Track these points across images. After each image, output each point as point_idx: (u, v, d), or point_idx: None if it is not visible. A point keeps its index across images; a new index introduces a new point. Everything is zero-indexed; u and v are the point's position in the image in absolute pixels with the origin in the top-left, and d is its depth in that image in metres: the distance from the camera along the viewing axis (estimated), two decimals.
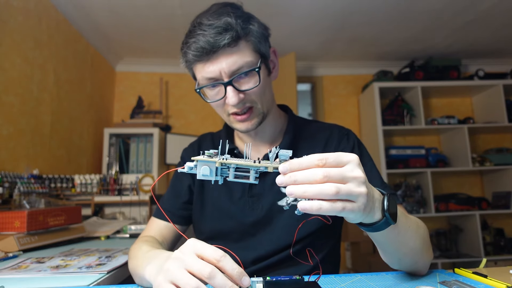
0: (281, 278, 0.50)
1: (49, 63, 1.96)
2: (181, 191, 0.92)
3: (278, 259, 0.81)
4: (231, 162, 0.47)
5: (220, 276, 0.45)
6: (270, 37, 0.84)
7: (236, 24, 0.72)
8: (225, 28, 0.71)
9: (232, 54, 0.72)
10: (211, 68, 0.73)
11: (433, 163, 2.88)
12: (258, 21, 0.80)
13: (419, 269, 0.64)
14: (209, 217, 0.88)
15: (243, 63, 0.73)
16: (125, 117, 2.94)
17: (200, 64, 0.75)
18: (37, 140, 1.84)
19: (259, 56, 0.77)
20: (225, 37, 0.70)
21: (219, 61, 0.72)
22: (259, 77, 0.75)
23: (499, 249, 2.82)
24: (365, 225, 0.50)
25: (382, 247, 0.60)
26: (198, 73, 0.77)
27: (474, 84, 2.97)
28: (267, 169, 0.46)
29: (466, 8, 2.30)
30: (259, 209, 0.83)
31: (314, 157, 0.44)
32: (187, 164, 0.48)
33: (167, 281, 0.48)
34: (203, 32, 0.71)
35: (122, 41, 2.68)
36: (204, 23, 0.72)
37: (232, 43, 0.71)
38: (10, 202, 1.41)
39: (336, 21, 2.43)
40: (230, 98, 0.73)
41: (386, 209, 0.49)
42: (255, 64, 0.75)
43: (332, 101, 3.26)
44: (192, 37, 0.73)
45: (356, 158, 0.45)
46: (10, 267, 0.84)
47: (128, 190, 2.13)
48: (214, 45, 0.70)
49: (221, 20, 0.71)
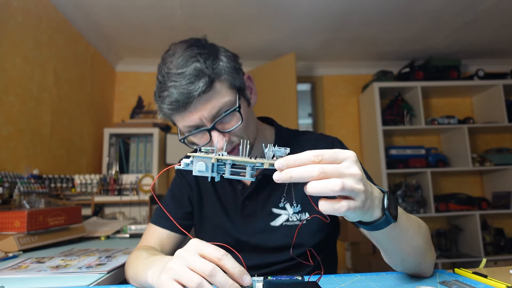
0: (281, 278, 0.50)
1: (49, 63, 1.96)
2: (182, 201, 0.91)
3: (278, 268, 0.82)
4: (227, 158, 0.46)
5: (221, 275, 0.46)
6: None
7: (206, 68, 0.69)
8: (196, 75, 0.68)
9: (209, 99, 0.70)
10: (190, 118, 0.72)
11: (433, 163, 2.88)
12: (226, 53, 0.77)
13: (422, 270, 0.63)
14: (209, 232, 0.89)
15: (222, 105, 0.71)
16: (125, 117, 2.94)
17: (178, 116, 0.73)
18: (37, 140, 1.84)
19: (236, 91, 0.75)
20: (198, 85, 0.68)
21: (198, 109, 0.70)
22: (240, 115, 0.74)
23: (499, 249, 2.82)
24: (365, 224, 0.49)
25: (384, 248, 0.59)
26: (179, 122, 0.75)
27: (474, 84, 2.97)
28: (263, 165, 0.45)
29: (466, 8, 2.30)
30: (251, 229, 0.84)
31: (311, 153, 0.43)
32: (183, 160, 0.47)
33: (170, 279, 0.48)
34: (174, 83, 0.68)
35: (122, 41, 2.68)
36: (172, 72, 0.69)
37: (207, 89, 0.69)
38: (10, 202, 1.41)
39: (336, 21, 2.43)
40: (217, 143, 0.72)
41: (386, 207, 0.48)
42: (234, 101, 0.73)
43: (332, 101, 3.26)
44: (164, 90, 0.70)
45: (353, 154, 0.44)
46: (10, 267, 0.84)
47: (128, 190, 2.13)
48: (189, 96, 0.68)
49: (189, 67, 0.68)
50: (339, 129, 3.21)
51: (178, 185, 0.93)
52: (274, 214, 0.84)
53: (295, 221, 0.82)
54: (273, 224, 0.83)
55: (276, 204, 0.84)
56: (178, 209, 0.91)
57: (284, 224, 0.83)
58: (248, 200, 0.85)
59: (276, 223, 0.83)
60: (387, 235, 0.53)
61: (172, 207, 0.91)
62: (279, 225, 0.83)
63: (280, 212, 0.83)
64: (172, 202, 0.92)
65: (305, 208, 0.83)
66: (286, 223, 0.83)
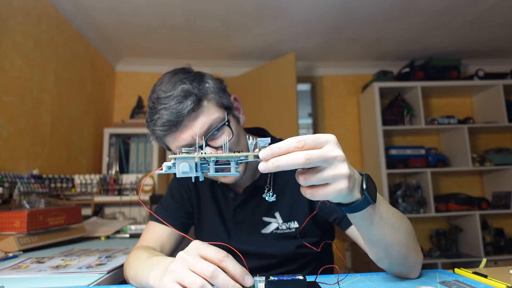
0: (283, 278, 0.50)
1: (49, 63, 1.96)
2: (182, 202, 0.93)
3: (279, 272, 0.84)
4: (210, 156, 0.45)
5: (222, 276, 0.46)
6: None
7: (193, 88, 0.73)
8: (184, 96, 0.72)
9: (198, 117, 0.74)
10: (182, 137, 0.74)
11: (433, 163, 2.88)
12: (211, 77, 0.81)
13: (410, 267, 0.61)
14: (206, 234, 0.92)
15: (211, 121, 0.75)
16: (125, 117, 2.94)
17: (170, 137, 0.75)
18: (37, 140, 1.84)
19: (224, 110, 0.78)
20: (187, 103, 0.71)
21: (189, 128, 0.73)
22: (231, 130, 0.77)
23: (499, 249, 2.82)
24: (344, 205, 0.50)
25: (367, 235, 0.57)
26: (171, 144, 0.77)
27: (474, 84, 2.97)
28: (248, 158, 0.45)
29: (466, 8, 2.30)
30: (243, 236, 0.87)
31: (293, 139, 0.43)
32: (165, 164, 0.46)
33: (173, 281, 0.49)
34: (164, 105, 0.72)
35: (122, 41, 2.68)
36: (161, 96, 0.73)
37: (195, 107, 0.73)
38: (10, 202, 1.41)
39: (336, 21, 2.43)
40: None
41: (365, 188, 0.49)
42: (223, 118, 0.77)
43: (332, 101, 3.26)
44: (155, 113, 0.73)
45: (334, 137, 0.45)
46: (10, 267, 0.84)
47: (128, 190, 2.13)
48: (179, 115, 0.71)
49: (177, 89, 0.72)
50: (339, 129, 3.21)
51: (178, 187, 0.95)
52: (264, 222, 0.87)
53: (285, 229, 0.85)
54: (264, 231, 0.86)
55: (266, 212, 0.87)
56: (178, 209, 0.92)
57: (275, 232, 0.86)
58: (239, 208, 0.88)
59: (266, 231, 0.86)
60: (369, 219, 0.53)
61: (173, 206, 0.92)
62: (270, 232, 0.86)
63: (270, 220, 0.86)
64: (172, 202, 0.93)
65: (294, 217, 0.85)
66: (276, 231, 0.86)
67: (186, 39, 2.61)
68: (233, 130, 0.77)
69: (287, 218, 0.85)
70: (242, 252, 0.84)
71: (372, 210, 0.52)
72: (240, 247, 0.84)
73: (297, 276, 0.50)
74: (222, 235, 0.88)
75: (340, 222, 0.81)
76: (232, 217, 0.88)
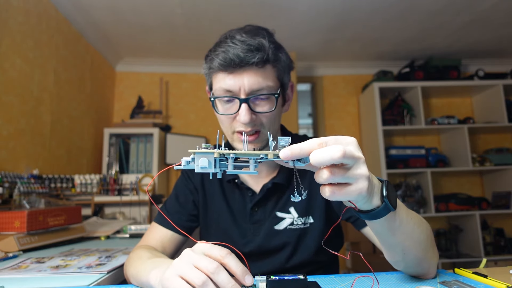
0: (284, 277, 0.50)
1: (49, 63, 1.96)
2: (186, 203, 0.92)
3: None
4: (229, 152, 0.45)
5: (224, 274, 0.47)
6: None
7: (268, 48, 0.73)
8: (258, 48, 0.72)
9: (256, 74, 0.73)
10: (232, 82, 0.73)
11: (433, 163, 2.88)
12: (286, 53, 0.82)
13: (424, 269, 0.61)
14: (213, 236, 0.90)
15: (264, 86, 0.74)
16: (125, 117, 2.94)
17: (222, 74, 0.74)
18: (37, 140, 1.84)
19: (279, 84, 0.78)
20: (255, 56, 0.71)
21: (242, 77, 0.72)
22: (275, 103, 0.76)
23: (499, 249, 2.82)
24: (364, 212, 0.49)
25: (385, 241, 0.57)
26: (217, 82, 0.76)
27: (474, 84, 2.97)
28: (267, 156, 0.45)
29: (466, 8, 2.30)
30: (260, 235, 0.85)
31: (315, 141, 0.43)
32: (184, 158, 0.46)
33: (175, 275, 0.49)
34: (234, 45, 0.71)
35: (122, 41, 2.68)
36: (237, 38, 0.73)
37: (260, 64, 0.72)
38: (10, 202, 1.41)
39: (336, 21, 2.43)
40: (243, 116, 0.73)
41: (385, 195, 0.48)
42: (275, 90, 0.76)
43: (332, 101, 3.26)
44: (222, 47, 0.73)
45: (355, 140, 0.45)
46: (10, 267, 0.84)
47: (128, 190, 2.13)
48: (243, 60, 0.71)
49: (255, 39, 0.72)
50: (339, 129, 3.21)
51: (183, 187, 0.93)
52: (278, 217, 0.85)
53: (300, 225, 0.83)
54: (277, 228, 0.84)
55: (281, 208, 0.85)
56: (184, 211, 0.91)
57: (288, 228, 0.84)
58: (257, 206, 0.86)
59: (280, 227, 0.84)
60: (388, 226, 0.52)
61: (176, 209, 0.91)
62: (283, 228, 0.84)
63: (285, 215, 0.84)
64: (176, 204, 0.92)
65: (310, 212, 0.84)
66: (290, 226, 0.84)
67: (186, 38, 2.60)
68: (276, 106, 0.76)
69: (303, 213, 0.84)
70: (253, 251, 0.84)
71: (392, 216, 0.51)
72: (252, 246, 0.84)
73: (298, 276, 0.50)
74: (233, 235, 0.86)
75: (355, 221, 0.79)
76: (250, 216, 0.86)
